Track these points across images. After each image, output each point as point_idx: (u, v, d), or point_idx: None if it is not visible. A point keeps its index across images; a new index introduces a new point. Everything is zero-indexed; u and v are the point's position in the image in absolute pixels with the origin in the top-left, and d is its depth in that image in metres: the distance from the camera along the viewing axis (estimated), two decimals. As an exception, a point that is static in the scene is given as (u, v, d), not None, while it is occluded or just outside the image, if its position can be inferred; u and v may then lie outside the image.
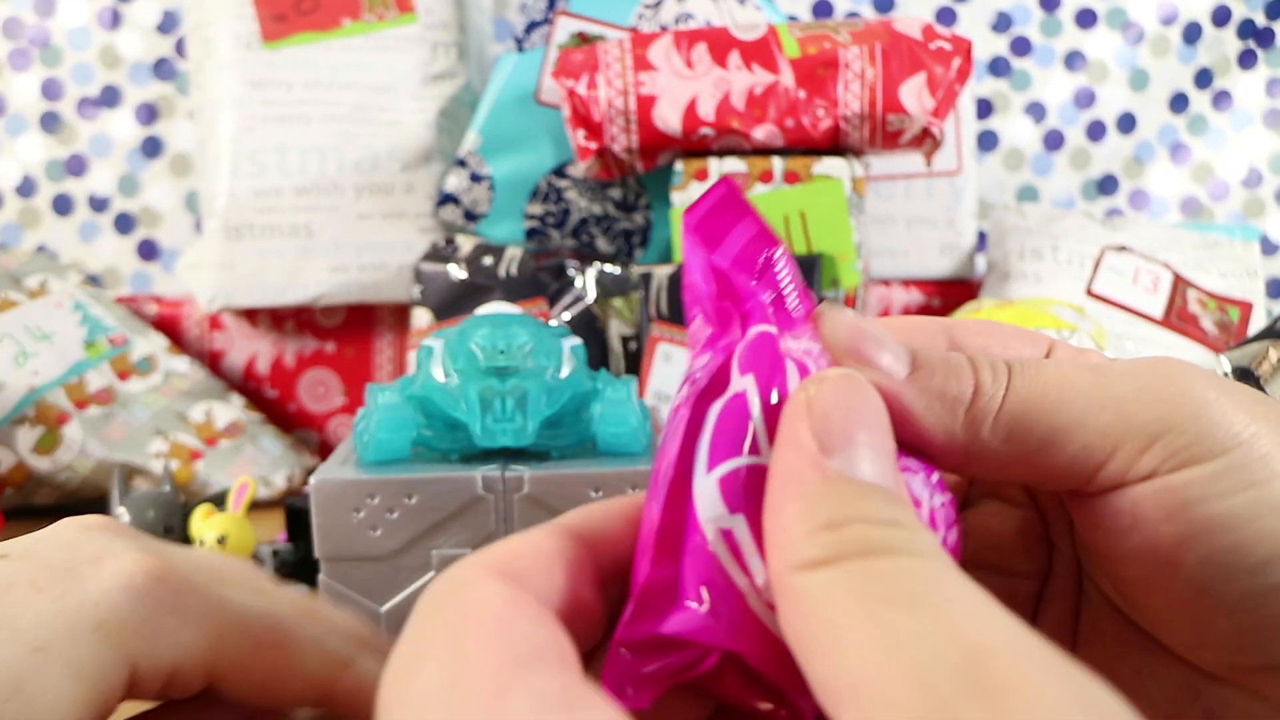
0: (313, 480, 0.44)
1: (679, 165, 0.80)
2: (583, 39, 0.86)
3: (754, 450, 0.18)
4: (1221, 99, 1.04)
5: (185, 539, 0.55)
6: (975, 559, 0.23)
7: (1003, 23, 1.04)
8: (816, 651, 0.15)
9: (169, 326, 0.94)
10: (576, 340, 0.48)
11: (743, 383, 0.19)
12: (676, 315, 0.76)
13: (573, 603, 0.18)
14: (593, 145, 0.80)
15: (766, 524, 0.17)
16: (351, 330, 0.93)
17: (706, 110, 0.78)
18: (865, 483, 0.17)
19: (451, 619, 0.16)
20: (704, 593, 0.18)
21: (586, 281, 0.79)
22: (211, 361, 0.94)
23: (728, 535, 0.18)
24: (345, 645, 0.28)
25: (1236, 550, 0.18)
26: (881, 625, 0.14)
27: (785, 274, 0.20)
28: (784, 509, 0.17)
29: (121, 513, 0.55)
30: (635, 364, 0.78)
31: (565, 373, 0.47)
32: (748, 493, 0.18)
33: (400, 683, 0.15)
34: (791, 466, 0.17)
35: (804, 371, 0.19)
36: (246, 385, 0.93)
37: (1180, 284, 0.88)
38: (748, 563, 0.18)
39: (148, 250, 1.03)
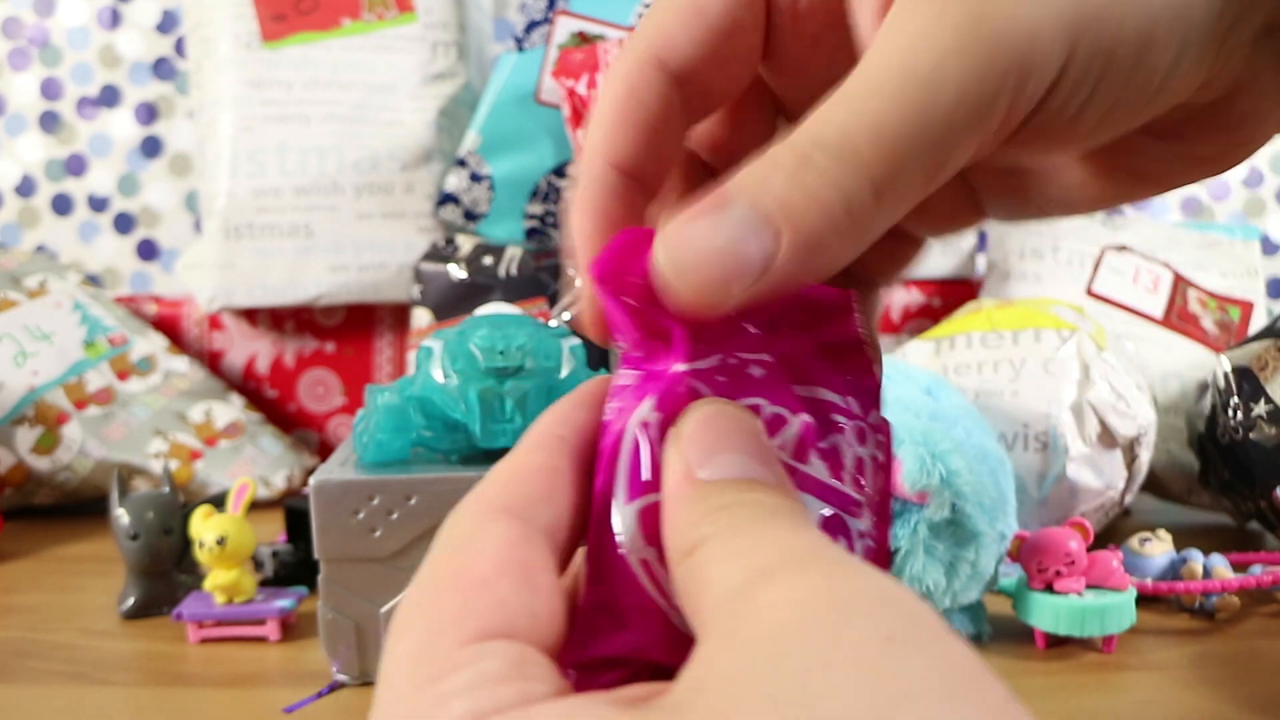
0: (313, 481, 0.44)
1: (679, 165, 0.80)
2: (583, 39, 0.86)
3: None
4: (1222, 98, 1.04)
5: (185, 540, 0.55)
6: None
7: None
8: (697, 629, 0.16)
9: (169, 326, 0.94)
10: (576, 340, 0.48)
11: (652, 415, 0.20)
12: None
13: (569, 515, 0.19)
14: (592, 145, 0.80)
15: (664, 544, 0.18)
16: (351, 330, 0.93)
17: (706, 110, 0.78)
18: (731, 479, 0.18)
19: (453, 569, 0.18)
20: (633, 615, 0.19)
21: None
22: (211, 361, 0.94)
23: (646, 565, 0.19)
24: None
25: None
26: (720, 593, 0.16)
27: None
28: (668, 524, 0.18)
29: (121, 514, 0.55)
30: (635, 364, 0.78)
31: (565, 373, 0.47)
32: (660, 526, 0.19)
33: (393, 637, 0.17)
34: (669, 490, 0.18)
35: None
36: (246, 385, 0.93)
37: (1180, 284, 0.88)
38: (666, 589, 0.19)
39: (147, 250, 1.03)
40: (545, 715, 0.15)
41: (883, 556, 0.21)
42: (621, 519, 0.19)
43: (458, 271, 0.81)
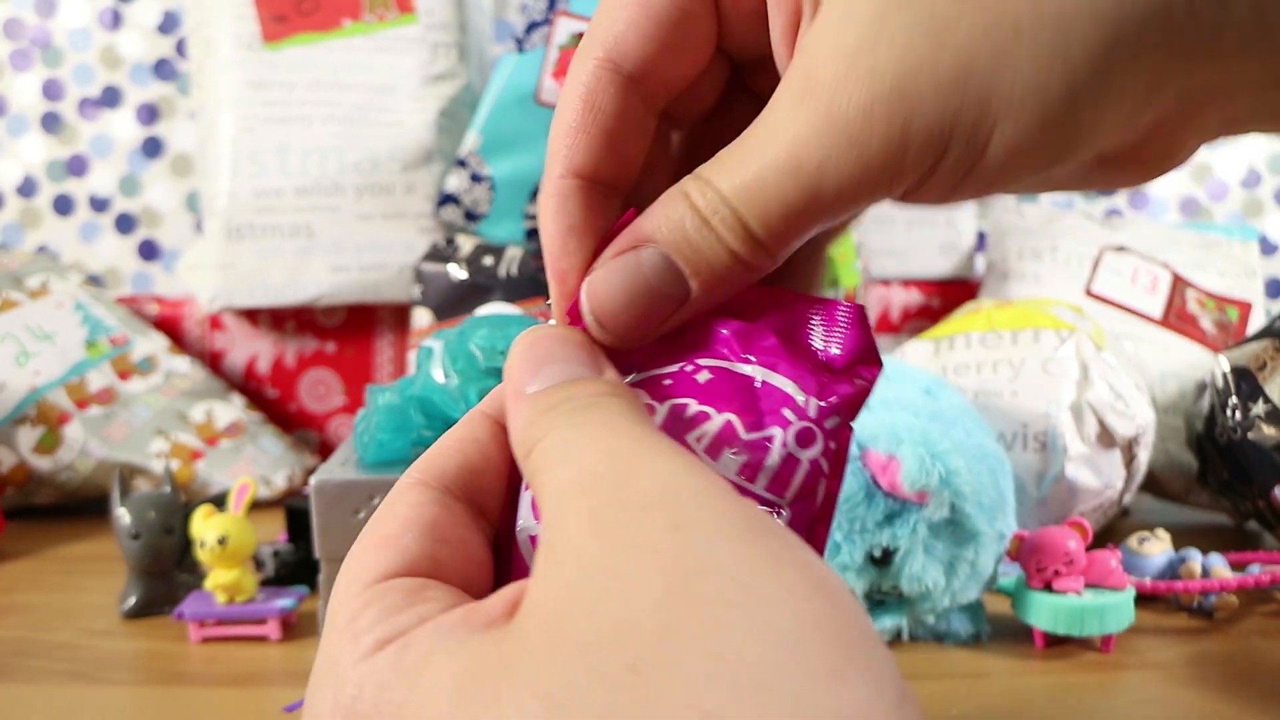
0: (313, 481, 0.44)
1: (679, 166, 0.80)
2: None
3: None
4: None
5: (186, 540, 0.56)
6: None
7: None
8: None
9: (170, 326, 0.94)
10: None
11: None
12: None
13: (487, 479, 0.22)
14: (593, 146, 0.80)
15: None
16: (352, 330, 0.93)
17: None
18: (556, 384, 0.20)
19: (369, 534, 0.21)
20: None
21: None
22: (212, 361, 0.94)
23: (533, 540, 0.21)
24: None
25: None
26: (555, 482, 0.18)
27: None
28: (511, 441, 0.20)
29: (122, 513, 0.55)
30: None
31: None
32: None
33: (337, 584, 0.20)
34: (506, 412, 0.21)
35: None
36: (247, 385, 0.94)
37: (1179, 284, 0.88)
38: None
39: (148, 250, 1.03)
40: (422, 636, 0.17)
41: None
42: (523, 500, 0.22)
43: (458, 272, 0.81)
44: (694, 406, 0.21)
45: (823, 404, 0.22)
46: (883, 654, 0.15)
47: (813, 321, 0.22)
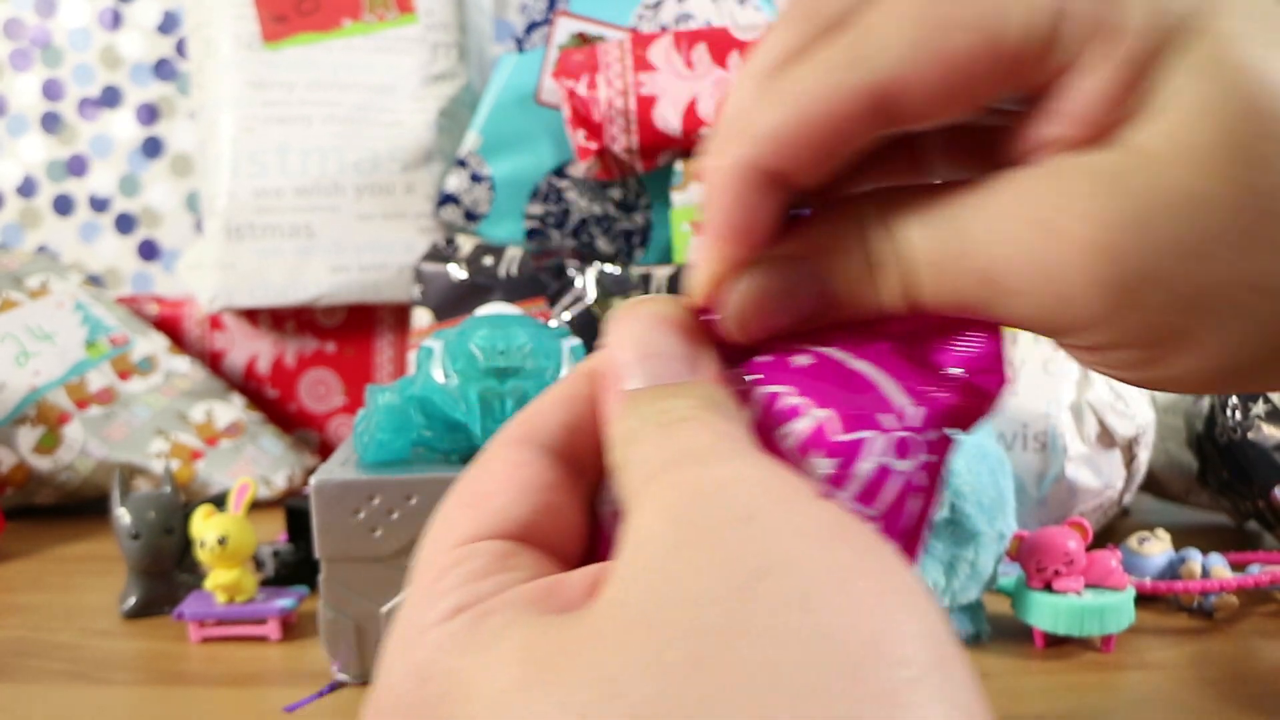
0: (313, 481, 0.44)
1: (679, 165, 0.80)
2: (583, 39, 0.86)
3: None
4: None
5: (186, 540, 0.55)
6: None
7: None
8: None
9: (170, 326, 0.94)
10: (576, 341, 0.49)
11: None
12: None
13: (591, 438, 0.21)
14: (593, 145, 0.80)
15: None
16: (352, 330, 0.93)
17: (707, 110, 0.78)
18: (651, 388, 0.20)
19: (462, 491, 0.21)
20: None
21: (586, 282, 0.79)
22: (212, 361, 0.94)
23: (614, 516, 0.21)
24: None
25: None
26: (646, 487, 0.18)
27: None
28: (608, 443, 0.20)
29: (122, 513, 0.55)
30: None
31: (565, 373, 0.47)
32: None
33: (427, 539, 0.20)
34: (607, 405, 0.21)
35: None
36: (247, 385, 0.94)
37: (1180, 284, 0.88)
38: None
39: (148, 250, 1.03)
40: (500, 607, 0.17)
41: None
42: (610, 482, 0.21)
43: (458, 272, 0.81)
44: (787, 399, 0.20)
45: (927, 412, 0.20)
46: (958, 678, 0.14)
47: (938, 327, 0.21)
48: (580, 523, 0.21)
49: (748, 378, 0.21)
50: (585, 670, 0.15)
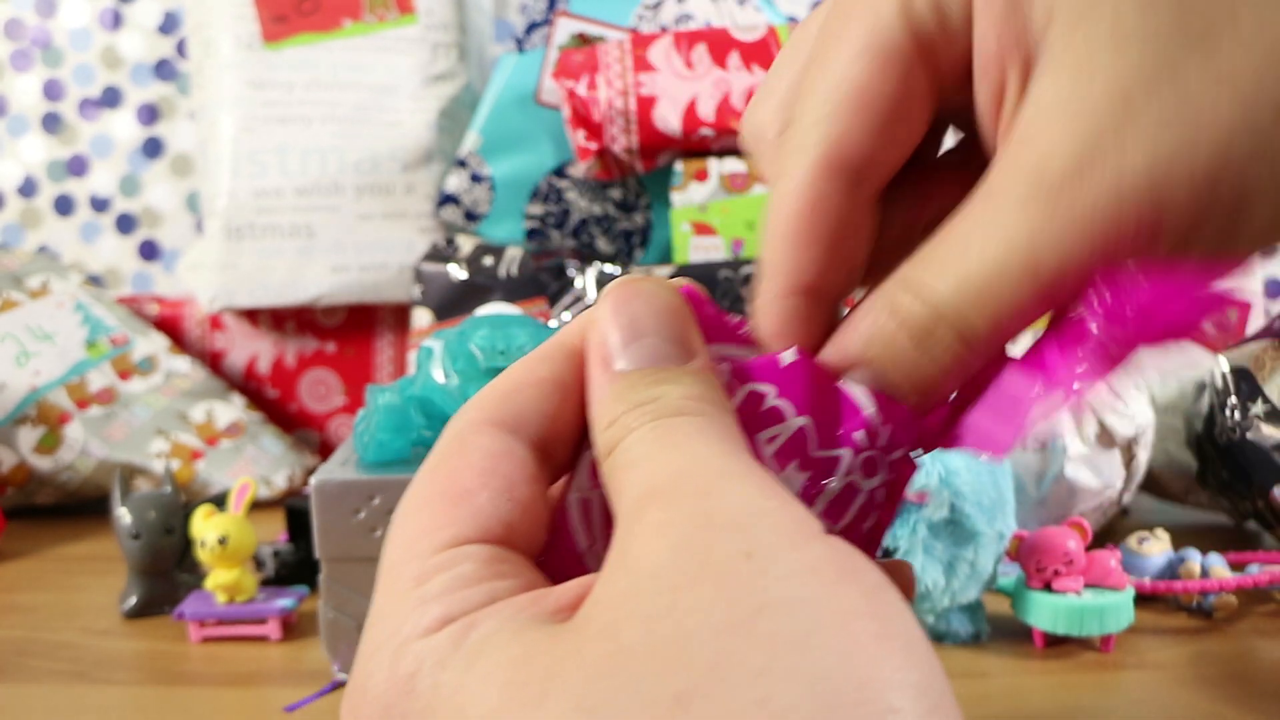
0: (313, 481, 0.44)
1: (679, 165, 0.80)
2: (583, 40, 0.87)
3: None
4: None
5: (186, 539, 0.56)
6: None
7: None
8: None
9: (170, 326, 0.94)
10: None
11: None
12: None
13: (568, 428, 0.21)
14: (593, 146, 0.80)
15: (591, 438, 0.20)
16: (352, 330, 0.93)
17: (706, 111, 0.78)
18: (645, 370, 0.19)
19: (429, 487, 0.19)
20: (554, 562, 0.20)
21: (586, 282, 0.79)
22: (212, 361, 0.94)
23: (585, 505, 0.20)
24: None
25: None
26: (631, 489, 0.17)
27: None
28: (592, 422, 0.20)
29: (123, 513, 0.55)
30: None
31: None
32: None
33: (388, 544, 0.19)
34: (593, 381, 0.20)
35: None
36: (247, 385, 0.94)
37: (1179, 284, 0.88)
38: (595, 531, 0.20)
39: (149, 250, 1.03)
40: (488, 619, 0.17)
41: None
42: (583, 462, 0.20)
43: (458, 272, 0.81)
44: (769, 400, 0.20)
45: (894, 431, 0.20)
46: None
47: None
48: (545, 510, 0.20)
49: (730, 369, 0.21)
50: (568, 695, 0.15)
